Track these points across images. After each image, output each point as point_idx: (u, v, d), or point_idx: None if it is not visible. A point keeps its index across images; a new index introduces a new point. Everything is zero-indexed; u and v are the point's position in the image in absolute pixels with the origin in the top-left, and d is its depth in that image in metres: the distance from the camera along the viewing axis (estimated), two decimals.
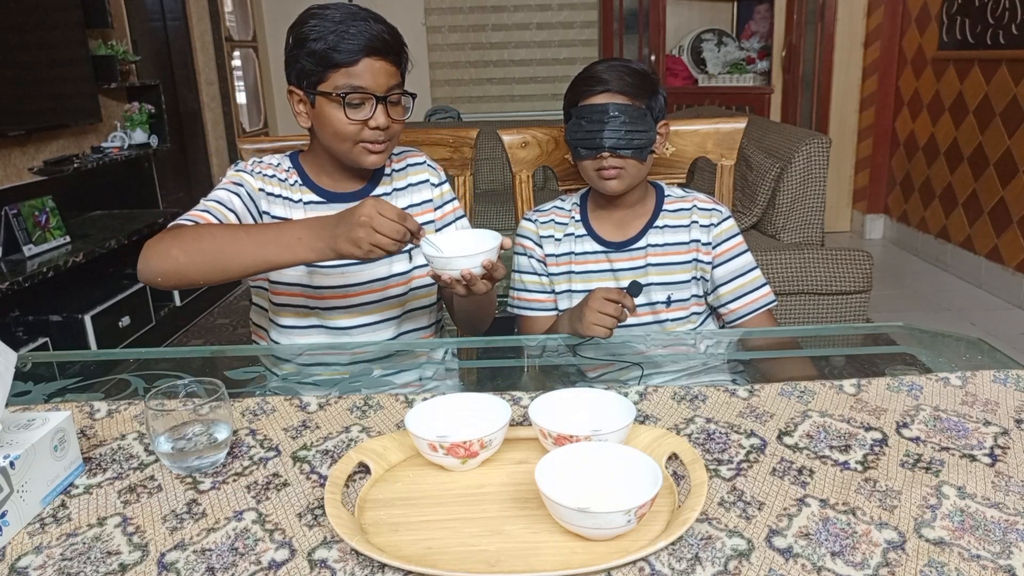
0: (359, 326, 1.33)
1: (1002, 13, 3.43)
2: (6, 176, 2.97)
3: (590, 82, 1.30)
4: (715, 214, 1.38)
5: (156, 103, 3.83)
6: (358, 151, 1.22)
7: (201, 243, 1.06)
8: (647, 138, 1.28)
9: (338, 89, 1.17)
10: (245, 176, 1.27)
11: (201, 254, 1.05)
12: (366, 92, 1.17)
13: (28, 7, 2.94)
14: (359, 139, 1.20)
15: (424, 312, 1.40)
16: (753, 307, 1.38)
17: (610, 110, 1.26)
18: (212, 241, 1.06)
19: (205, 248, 1.05)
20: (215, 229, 1.10)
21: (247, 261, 1.06)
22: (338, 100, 1.17)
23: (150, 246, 1.08)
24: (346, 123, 1.18)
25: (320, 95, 1.18)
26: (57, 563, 0.70)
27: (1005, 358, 1.09)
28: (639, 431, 0.87)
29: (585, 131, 1.28)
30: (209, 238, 1.06)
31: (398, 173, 1.37)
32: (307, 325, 1.33)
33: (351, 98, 1.17)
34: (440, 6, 5.32)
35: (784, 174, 2.76)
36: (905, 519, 0.72)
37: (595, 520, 0.69)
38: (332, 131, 1.20)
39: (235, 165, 1.30)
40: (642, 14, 4.90)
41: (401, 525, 0.74)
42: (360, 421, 0.96)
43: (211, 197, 1.23)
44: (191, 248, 1.05)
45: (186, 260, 1.05)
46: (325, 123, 1.20)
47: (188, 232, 1.08)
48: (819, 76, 4.49)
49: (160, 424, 0.84)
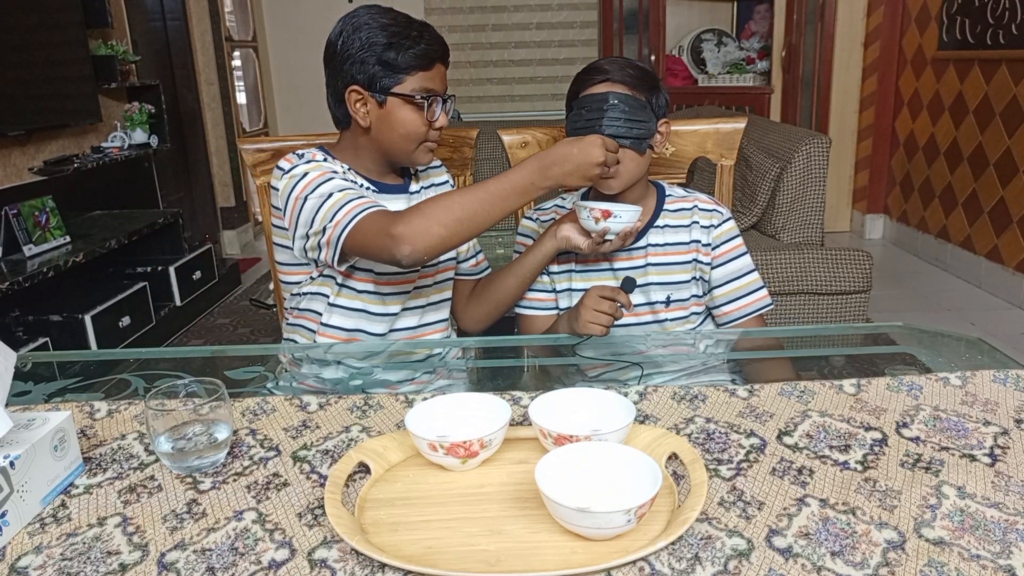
0: (391, 314, 1.36)
1: (1002, 13, 3.43)
2: (6, 176, 2.97)
3: (591, 72, 1.31)
4: (716, 215, 1.38)
5: (156, 103, 3.83)
6: (421, 150, 1.29)
7: (453, 213, 1.12)
8: (646, 129, 1.28)
9: (416, 92, 1.23)
10: (325, 165, 1.27)
11: (459, 224, 1.12)
12: (438, 95, 1.25)
13: (28, 7, 2.94)
14: (425, 139, 1.28)
15: (444, 306, 1.45)
16: (745, 312, 1.38)
17: (610, 98, 1.26)
18: (461, 208, 1.12)
19: (460, 217, 1.12)
20: (453, 197, 1.14)
21: (496, 215, 1.14)
22: (414, 102, 1.23)
23: (402, 233, 1.10)
24: (420, 124, 1.25)
25: (395, 96, 1.23)
26: (57, 563, 0.70)
27: (1005, 358, 1.09)
28: (639, 431, 0.87)
29: (584, 120, 1.28)
30: (459, 207, 1.12)
31: (422, 173, 1.43)
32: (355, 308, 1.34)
33: (430, 101, 1.24)
34: (440, 6, 5.32)
35: (784, 174, 2.76)
36: (905, 519, 0.72)
37: (595, 520, 0.69)
38: (403, 132, 1.26)
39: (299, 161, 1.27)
40: (642, 14, 4.90)
41: (401, 525, 0.74)
42: (360, 421, 0.96)
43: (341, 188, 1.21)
44: (447, 220, 1.11)
45: (447, 232, 1.11)
46: (396, 124, 1.25)
47: (430, 206, 1.13)
48: (819, 76, 4.49)
49: (160, 424, 0.84)
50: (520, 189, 1.13)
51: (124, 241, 3.08)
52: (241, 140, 1.54)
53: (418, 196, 1.38)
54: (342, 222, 1.15)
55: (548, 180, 1.13)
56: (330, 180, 1.22)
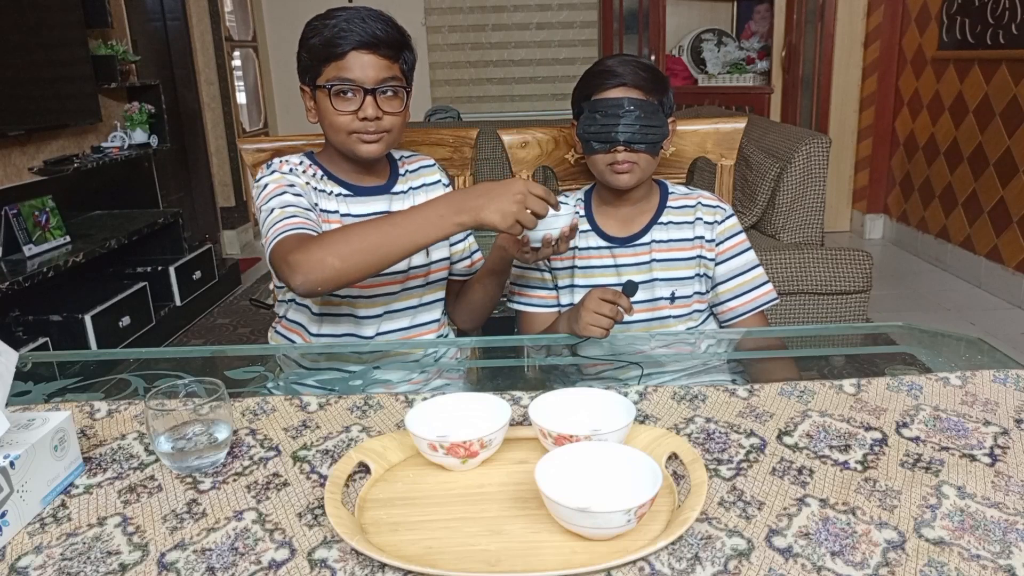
0: (381, 315, 1.36)
1: (1002, 13, 3.43)
2: (6, 176, 2.97)
3: (605, 76, 1.30)
4: (719, 211, 1.39)
5: (156, 103, 3.83)
6: (352, 141, 1.26)
7: (351, 245, 1.08)
8: (660, 133, 1.29)
9: (329, 81, 1.23)
10: (289, 177, 1.28)
11: (359, 255, 1.08)
12: (354, 84, 1.22)
13: (28, 7, 2.94)
14: (351, 129, 1.25)
15: (437, 306, 1.45)
16: (750, 307, 1.39)
17: (625, 104, 1.26)
18: (363, 240, 1.08)
19: (358, 249, 1.08)
20: (359, 228, 1.11)
21: (401, 251, 1.10)
22: (329, 93, 1.23)
23: (299, 261, 1.08)
24: (335, 113, 1.24)
25: (317, 88, 1.25)
26: (57, 563, 0.70)
27: (1005, 358, 1.09)
28: (639, 431, 0.87)
29: (599, 125, 1.28)
30: (358, 239, 1.08)
31: (412, 173, 1.41)
32: (340, 314, 1.36)
33: (338, 89, 1.22)
34: (440, 6, 5.32)
35: (784, 174, 2.76)
36: (905, 519, 0.72)
37: (595, 520, 0.69)
38: (327, 122, 1.26)
39: (267, 171, 1.29)
40: (642, 14, 4.90)
41: (401, 525, 0.74)
42: (360, 421, 0.96)
43: (285, 203, 1.21)
44: (344, 252, 1.08)
45: (343, 265, 1.08)
46: (323, 115, 1.27)
47: (332, 237, 1.10)
48: (819, 76, 4.49)
49: (160, 424, 0.84)
50: (430, 223, 1.08)
51: (124, 241, 3.08)
52: (241, 140, 1.54)
53: (404, 196, 1.37)
54: (267, 242, 1.18)
55: (462, 215, 1.07)
56: (281, 195, 1.23)
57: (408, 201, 1.37)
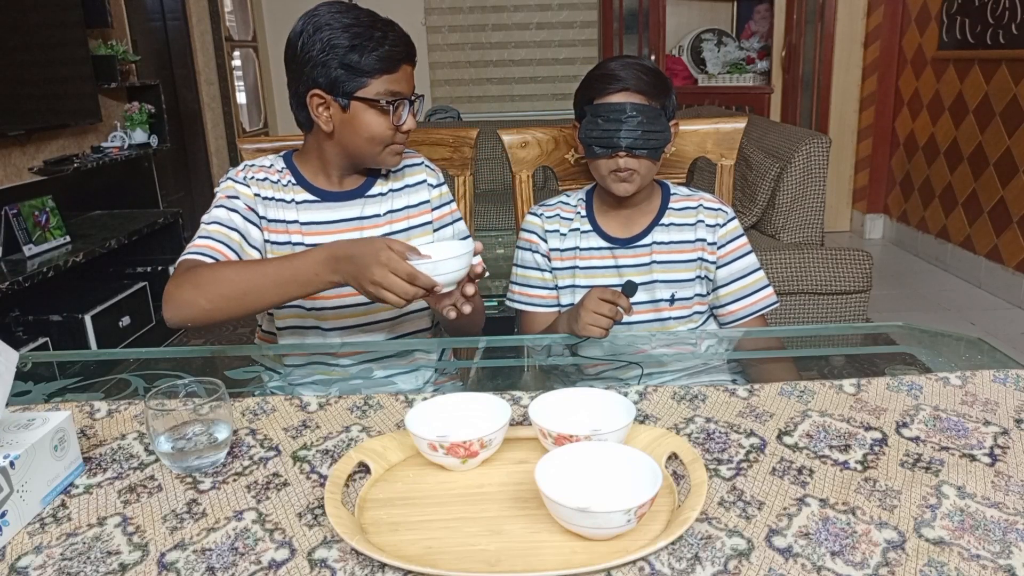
0: (352, 327, 1.33)
1: (1002, 13, 3.43)
2: (6, 176, 2.97)
3: (607, 80, 1.29)
4: (721, 214, 1.39)
5: (156, 103, 3.84)
6: (387, 153, 1.26)
7: (221, 288, 1.08)
8: (662, 138, 1.28)
9: (380, 95, 1.20)
10: (238, 187, 1.27)
11: (225, 300, 1.08)
12: (404, 97, 1.21)
13: (28, 7, 2.94)
14: (392, 142, 1.24)
15: (419, 316, 1.39)
16: (750, 311, 1.38)
17: (628, 109, 1.26)
18: (232, 286, 1.08)
19: (226, 294, 1.08)
20: (232, 271, 1.10)
21: (270, 300, 1.10)
22: (379, 107, 1.20)
23: (172, 294, 1.09)
24: (385, 128, 1.22)
25: (358, 100, 1.20)
26: (57, 563, 0.70)
27: (1005, 358, 1.09)
28: (639, 431, 0.87)
29: (601, 129, 1.27)
30: (228, 283, 1.08)
31: (395, 174, 1.37)
32: (307, 326, 1.33)
33: (396, 104, 1.21)
34: (440, 6, 5.32)
35: (784, 174, 2.76)
36: (905, 519, 0.72)
37: (595, 520, 0.69)
38: (368, 136, 1.23)
39: (228, 174, 1.30)
40: (642, 14, 4.90)
41: (401, 525, 0.74)
42: (360, 421, 0.96)
43: (211, 218, 1.23)
44: (213, 295, 1.08)
45: (211, 307, 1.08)
46: (360, 128, 1.22)
47: (206, 276, 1.10)
48: (819, 76, 4.49)
49: (160, 424, 0.84)
50: (302, 279, 1.07)
51: (124, 241, 3.08)
52: (241, 140, 1.54)
53: (382, 199, 1.33)
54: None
55: (335, 275, 1.05)
56: (218, 207, 1.24)
57: (385, 204, 1.33)
